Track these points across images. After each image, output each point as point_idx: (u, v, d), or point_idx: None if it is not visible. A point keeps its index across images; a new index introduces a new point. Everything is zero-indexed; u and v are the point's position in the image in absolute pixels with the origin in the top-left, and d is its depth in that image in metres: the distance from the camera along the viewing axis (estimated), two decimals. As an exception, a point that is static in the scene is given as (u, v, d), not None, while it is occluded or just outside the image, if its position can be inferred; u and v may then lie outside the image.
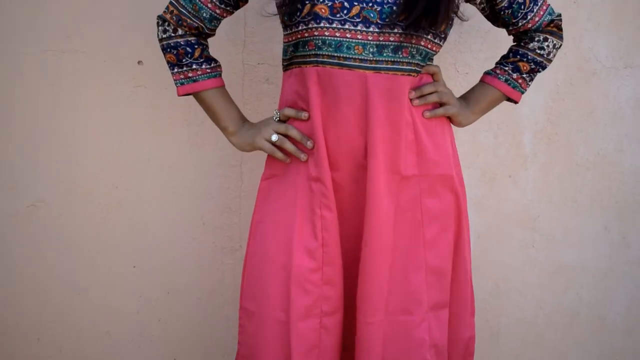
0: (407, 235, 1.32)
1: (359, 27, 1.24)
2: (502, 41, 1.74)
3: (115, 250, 1.78)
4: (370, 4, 1.23)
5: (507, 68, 1.47)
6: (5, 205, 1.72)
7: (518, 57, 1.46)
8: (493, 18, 1.48)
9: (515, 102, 1.51)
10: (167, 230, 1.80)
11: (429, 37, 1.27)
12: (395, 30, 1.24)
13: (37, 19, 1.66)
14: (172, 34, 1.37)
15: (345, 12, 1.23)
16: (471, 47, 1.82)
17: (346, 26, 1.24)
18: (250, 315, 1.35)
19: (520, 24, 1.43)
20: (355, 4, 1.23)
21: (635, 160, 1.93)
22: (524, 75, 1.47)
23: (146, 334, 1.82)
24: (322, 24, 1.24)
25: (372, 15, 1.23)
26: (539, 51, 1.45)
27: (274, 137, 1.34)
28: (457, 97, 1.47)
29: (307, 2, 1.24)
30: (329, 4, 1.23)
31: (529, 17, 1.42)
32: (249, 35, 1.75)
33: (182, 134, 1.77)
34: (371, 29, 1.24)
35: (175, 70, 1.39)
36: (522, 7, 1.41)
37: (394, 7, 1.23)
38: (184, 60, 1.37)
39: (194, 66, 1.38)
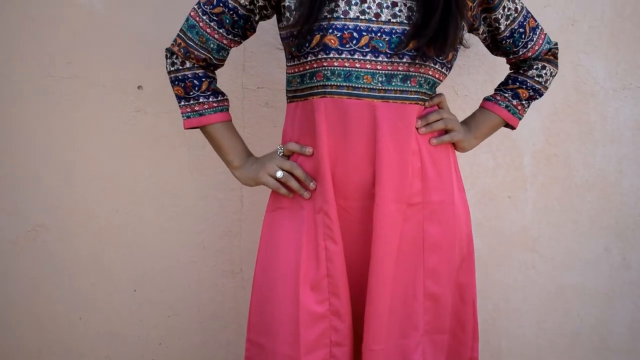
0: (409, 262, 1.32)
1: (368, 57, 1.24)
2: (499, 65, 1.75)
3: (115, 274, 1.78)
4: (379, 34, 1.24)
5: (506, 95, 1.49)
6: (6, 230, 1.72)
7: (517, 84, 1.48)
8: (494, 47, 1.49)
9: (513, 128, 1.52)
10: (168, 254, 1.80)
11: (436, 66, 1.28)
12: (404, 60, 1.25)
13: (38, 45, 1.67)
14: (180, 67, 1.37)
15: (354, 42, 1.24)
16: (469, 69, 1.82)
17: (355, 56, 1.24)
18: (258, 349, 1.35)
19: (520, 52, 1.45)
20: (364, 34, 1.24)
21: (635, 181, 1.93)
22: (523, 102, 1.49)
23: (147, 357, 1.82)
24: (331, 55, 1.24)
25: (381, 45, 1.24)
26: (537, 79, 1.47)
27: (279, 174, 1.33)
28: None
29: (316, 33, 1.24)
30: (338, 35, 1.23)
31: (529, 45, 1.44)
32: (248, 59, 1.76)
33: (182, 158, 1.77)
34: (380, 59, 1.24)
35: (182, 103, 1.39)
36: (523, 36, 1.43)
37: (402, 37, 1.24)
38: (191, 93, 1.37)
39: (201, 99, 1.38)
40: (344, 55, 1.24)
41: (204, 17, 1.34)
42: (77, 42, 1.69)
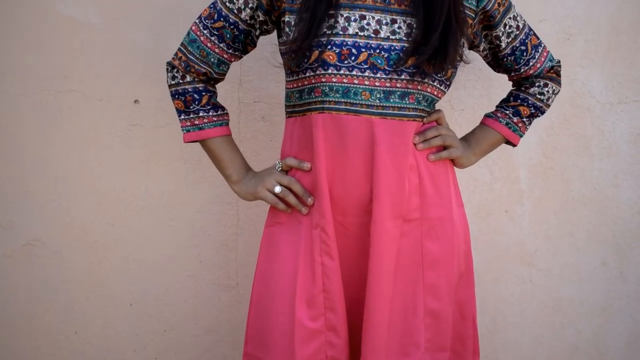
0: (408, 279, 1.32)
1: (366, 74, 1.24)
2: (496, 79, 1.76)
3: (111, 288, 1.78)
4: (378, 51, 1.24)
5: (507, 112, 1.48)
6: (1, 244, 1.72)
7: (519, 101, 1.48)
8: (495, 64, 1.49)
9: (514, 145, 1.52)
10: (164, 268, 1.79)
11: (435, 83, 1.28)
12: (403, 77, 1.25)
13: (34, 59, 1.68)
14: (180, 81, 1.37)
15: (352, 58, 1.24)
16: (465, 84, 1.83)
17: (354, 72, 1.24)
18: None
19: (522, 70, 1.45)
20: (363, 50, 1.24)
21: (632, 195, 1.93)
22: (524, 119, 1.48)
23: (142, 372, 1.81)
24: (329, 71, 1.24)
25: (379, 61, 1.24)
26: (539, 96, 1.47)
27: (277, 189, 1.33)
28: (458, 138, 1.47)
29: (315, 49, 1.24)
30: (337, 51, 1.24)
31: (530, 63, 1.44)
32: (245, 73, 1.76)
33: (178, 172, 1.77)
34: (379, 75, 1.24)
35: (183, 117, 1.39)
36: (525, 54, 1.43)
37: (401, 54, 1.24)
38: (191, 107, 1.37)
39: (201, 113, 1.38)
40: (342, 72, 1.24)
41: (205, 32, 1.34)
42: (73, 56, 1.69)
